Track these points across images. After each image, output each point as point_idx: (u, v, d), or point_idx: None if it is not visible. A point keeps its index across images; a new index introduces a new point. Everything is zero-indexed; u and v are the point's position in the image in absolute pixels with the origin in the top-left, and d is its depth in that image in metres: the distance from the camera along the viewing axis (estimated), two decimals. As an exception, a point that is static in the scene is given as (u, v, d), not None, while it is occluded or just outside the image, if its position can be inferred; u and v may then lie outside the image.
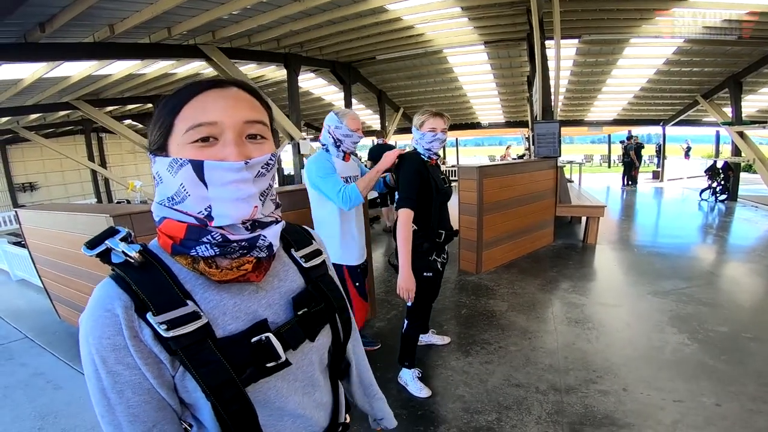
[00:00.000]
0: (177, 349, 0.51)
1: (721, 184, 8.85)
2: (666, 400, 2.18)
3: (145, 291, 0.52)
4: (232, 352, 0.54)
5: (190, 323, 0.52)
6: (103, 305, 0.51)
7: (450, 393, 2.35)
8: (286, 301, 0.63)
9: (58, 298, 3.43)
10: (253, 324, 0.57)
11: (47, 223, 2.99)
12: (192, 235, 0.54)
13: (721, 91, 9.54)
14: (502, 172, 4.63)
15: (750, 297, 3.65)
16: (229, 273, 0.56)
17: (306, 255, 0.70)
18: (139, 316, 0.51)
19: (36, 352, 3.14)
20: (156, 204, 0.59)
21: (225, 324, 0.56)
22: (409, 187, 1.98)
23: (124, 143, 14.97)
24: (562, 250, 5.19)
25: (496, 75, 10.36)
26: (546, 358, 2.65)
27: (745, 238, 5.90)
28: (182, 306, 0.52)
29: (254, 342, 0.56)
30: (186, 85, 0.57)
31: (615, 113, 13.00)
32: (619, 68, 9.49)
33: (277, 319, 0.61)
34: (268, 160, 0.56)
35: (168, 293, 0.53)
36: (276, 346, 0.56)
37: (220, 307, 0.56)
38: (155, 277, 0.54)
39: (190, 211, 0.54)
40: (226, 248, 0.55)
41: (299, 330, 0.62)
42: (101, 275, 0.55)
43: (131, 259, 0.53)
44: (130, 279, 0.52)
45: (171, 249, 0.56)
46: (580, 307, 3.46)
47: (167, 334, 0.50)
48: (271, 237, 0.58)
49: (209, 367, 0.52)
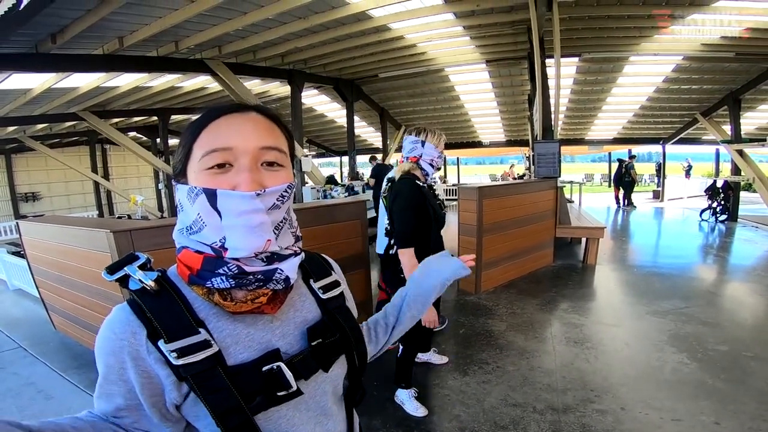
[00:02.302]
0: (187, 375, 0.52)
1: (721, 204, 8.83)
2: (664, 419, 2.16)
3: (158, 318, 0.53)
4: (242, 380, 0.54)
5: (201, 351, 0.52)
6: (112, 328, 0.54)
7: (447, 412, 2.32)
8: (301, 331, 0.63)
9: (53, 309, 3.42)
10: (265, 353, 0.57)
11: (47, 235, 3.01)
12: (208, 267, 0.55)
13: (720, 109, 9.61)
14: (502, 193, 4.64)
15: (750, 316, 3.63)
16: (243, 306, 0.57)
17: (324, 286, 0.69)
18: (152, 342, 0.52)
19: (29, 362, 3.11)
20: (176, 231, 0.60)
21: (237, 353, 0.56)
22: (408, 224, 1.93)
23: (127, 155, 15.10)
24: (562, 271, 5.17)
25: (497, 93, 10.47)
26: (544, 378, 2.63)
27: (746, 258, 5.88)
28: (194, 334, 0.53)
29: (265, 371, 0.56)
30: (206, 110, 0.57)
31: (615, 132, 13.09)
32: (619, 86, 9.60)
33: (291, 350, 0.61)
34: (283, 191, 0.55)
35: (181, 321, 0.53)
36: (287, 376, 0.56)
37: (233, 336, 0.57)
38: (169, 305, 0.54)
39: (206, 241, 0.54)
40: (242, 280, 0.54)
41: (312, 361, 0.61)
42: (98, 288, 0.58)
43: (148, 287, 0.54)
44: (145, 306, 0.53)
45: (188, 279, 0.57)
46: (579, 327, 3.43)
47: (177, 362, 0.51)
48: (288, 270, 0.57)
49: (218, 394, 0.52)
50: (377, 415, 2.30)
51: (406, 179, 2.01)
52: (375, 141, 14.30)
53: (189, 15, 4.84)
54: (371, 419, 2.27)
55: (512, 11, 5.89)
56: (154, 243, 2.04)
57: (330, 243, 2.91)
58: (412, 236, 1.92)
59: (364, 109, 11.53)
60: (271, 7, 5.08)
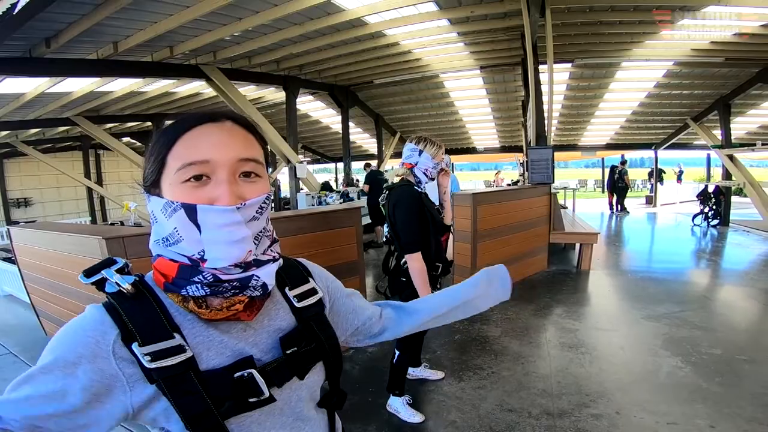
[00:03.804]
0: (158, 379, 0.51)
1: (712, 209, 8.93)
2: (660, 423, 2.16)
3: (133, 321, 0.52)
4: (213, 384, 0.54)
5: (175, 356, 0.52)
6: (82, 325, 0.52)
7: (442, 418, 2.31)
8: (274, 340, 0.62)
9: (45, 315, 3.37)
10: (238, 360, 0.57)
11: (39, 241, 2.98)
12: (183, 275, 0.54)
13: (711, 114, 9.75)
14: (497, 200, 4.66)
15: (743, 320, 3.66)
16: (219, 313, 0.56)
17: (299, 294, 0.69)
18: (125, 344, 0.52)
19: (19, 368, 3.06)
20: (152, 242, 0.59)
21: (209, 359, 0.56)
22: (413, 229, 1.97)
23: (121, 161, 14.84)
24: (556, 276, 5.20)
25: (491, 100, 10.56)
26: (539, 383, 2.62)
27: (738, 262, 5.94)
28: (169, 339, 0.53)
29: (236, 377, 0.56)
30: (179, 119, 0.57)
31: (608, 137, 13.23)
32: (611, 92, 9.72)
33: (264, 357, 0.60)
34: (262, 203, 0.55)
35: (155, 325, 0.53)
36: (260, 383, 0.56)
37: (206, 342, 0.56)
38: (145, 309, 0.54)
39: (185, 252, 0.54)
40: (218, 288, 0.54)
41: (286, 369, 0.61)
42: (90, 294, 0.57)
43: (125, 290, 0.54)
44: (121, 309, 0.53)
45: (163, 286, 0.57)
46: (574, 332, 3.44)
47: (150, 365, 0.51)
48: (265, 277, 0.57)
49: (188, 398, 0.52)
50: (372, 422, 2.29)
51: (405, 186, 2.05)
52: (370, 147, 14.32)
53: (184, 20, 4.85)
54: (366, 426, 2.25)
55: (506, 17, 5.96)
56: (146, 250, 2.01)
57: (324, 250, 2.90)
58: (418, 241, 1.97)
59: (360, 115, 11.57)
60: (267, 12, 5.10)
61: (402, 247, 2.00)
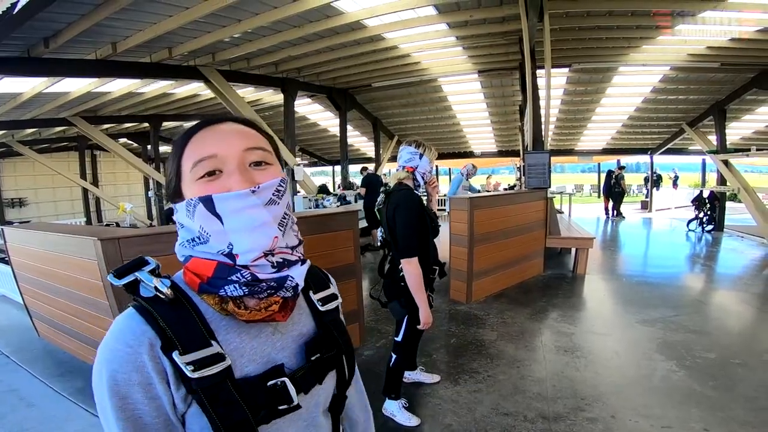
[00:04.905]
0: (197, 388, 0.50)
1: (707, 214, 9.00)
2: (654, 427, 2.17)
3: (172, 329, 0.51)
4: (248, 393, 0.53)
5: (215, 365, 0.51)
6: (125, 340, 0.50)
7: (438, 422, 2.31)
8: (298, 345, 0.63)
9: (38, 316, 3.36)
10: (271, 368, 0.57)
11: (33, 242, 2.96)
12: (221, 274, 0.54)
13: (706, 119, 9.81)
14: (493, 204, 4.69)
15: (737, 324, 3.69)
16: (257, 314, 0.56)
17: (323, 299, 0.69)
18: (164, 353, 0.50)
19: (11, 369, 3.04)
20: (179, 246, 0.59)
21: (243, 366, 0.55)
22: (413, 234, 1.99)
23: (117, 162, 14.86)
24: (552, 280, 5.21)
25: (489, 104, 10.59)
26: (534, 387, 2.63)
27: (732, 267, 5.98)
28: (208, 347, 0.51)
29: (270, 385, 0.55)
30: (184, 131, 0.59)
31: (604, 142, 13.29)
32: (608, 96, 9.77)
33: (289, 363, 0.61)
34: (278, 185, 0.56)
35: (194, 332, 0.52)
36: (291, 391, 0.56)
37: (239, 349, 0.56)
38: (183, 315, 0.53)
39: (214, 251, 0.54)
40: (255, 288, 0.54)
41: (311, 375, 0.62)
42: (84, 295, 0.56)
43: (163, 295, 0.52)
44: (158, 314, 0.51)
45: (198, 287, 0.55)
46: (569, 335, 3.45)
47: (193, 375, 0.49)
48: (298, 277, 0.57)
49: (227, 407, 0.51)
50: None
51: (405, 190, 2.06)
52: (368, 150, 14.30)
53: (183, 22, 4.85)
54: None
55: (504, 21, 6.00)
56: (141, 251, 1.99)
57: (322, 252, 2.91)
58: (416, 246, 1.98)
59: (357, 118, 11.56)
60: (266, 15, 5.11)
61: (399, 251, 2.01)
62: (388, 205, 2.07)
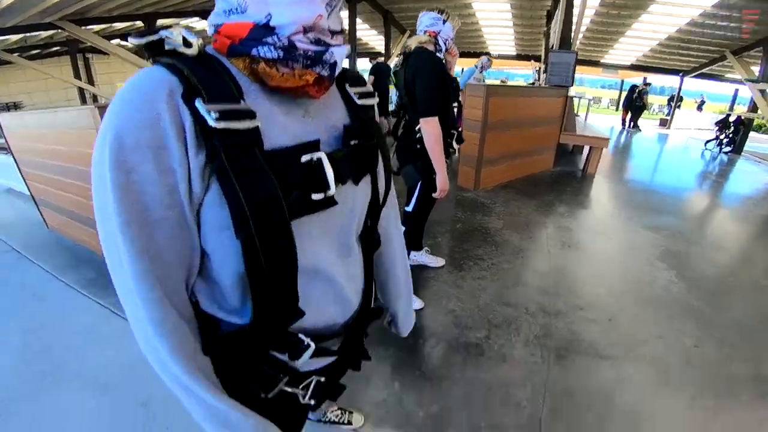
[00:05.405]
0: (220, 148, 0.43)
1: (728, 136, 8.65)
2: (649, 335, 2.17)
3: (198, 78, 0.44)
4: (280, 166, 0.47)
5: (244, 119, 0.44)
6: (141, 87, 0.44)
7: (442, 306, 2.36)
8: (331, 135, 0.57)
9: (45, 204, 3.33)
10: (305, 142, 0.51)
11: (30, 123, 2.87)
12: (256, 35, 0.47)
13: (754, 50, 9.03)
14: (511, 93, 4.52)
15: (739, 244, 3.63)
16: (289, 79, 0.49)
17: (360, 93, 0.63)
18: (186, 102, 0.43)
19: (24, 265, 2.97)
20: (213, 16, 0.52)
21: (274, 136, 0.48)
22: (434, 94, 1.88)
23: (113, 63, 14.18)
24: (561, 177, 5.16)
25: (513, 5, 9.62)
26: (537, 280, 2.67)
27: (743, 187, 5.83)
28: (237, 102, 0.45)
29: (304, 162, 0.49)
30: None
31: (634, 58, 12.41)
32: (649, 13, 8.85)
33: (326, 147, 0.54)
34: None
35: (223, 85, 0.45)
36: (327, 173, 0.50)
37: (271, 117, 0.49)
38: (210, 68, 0.46)
39: (250, 20, 0.48)
40: (290, 54, 0.48)
41: (349, 162, 0.56)
42: (88, 170, 0.45)
43: (188, 48, 0.46)
44: (183, 65, 0.45)
45: (227, 50, 0.48)
46: (575, 231, 3.46)
47: (217, 125, 0.42)
48: (338, 56, 0.51)
49: (253, 177, 0.44)
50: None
51: (426, 52, 1.90)
52: (377, 45, 13.47)
53: None
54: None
55: None
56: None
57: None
58: (437, 108, 1.88)
59: (368, 11, 10.70)
60: None
61: (419, 111, 1.90)
62: (406, 68, 1.93)
